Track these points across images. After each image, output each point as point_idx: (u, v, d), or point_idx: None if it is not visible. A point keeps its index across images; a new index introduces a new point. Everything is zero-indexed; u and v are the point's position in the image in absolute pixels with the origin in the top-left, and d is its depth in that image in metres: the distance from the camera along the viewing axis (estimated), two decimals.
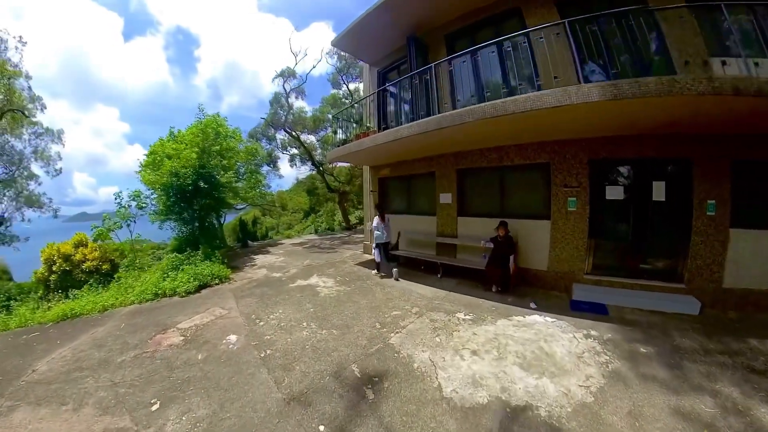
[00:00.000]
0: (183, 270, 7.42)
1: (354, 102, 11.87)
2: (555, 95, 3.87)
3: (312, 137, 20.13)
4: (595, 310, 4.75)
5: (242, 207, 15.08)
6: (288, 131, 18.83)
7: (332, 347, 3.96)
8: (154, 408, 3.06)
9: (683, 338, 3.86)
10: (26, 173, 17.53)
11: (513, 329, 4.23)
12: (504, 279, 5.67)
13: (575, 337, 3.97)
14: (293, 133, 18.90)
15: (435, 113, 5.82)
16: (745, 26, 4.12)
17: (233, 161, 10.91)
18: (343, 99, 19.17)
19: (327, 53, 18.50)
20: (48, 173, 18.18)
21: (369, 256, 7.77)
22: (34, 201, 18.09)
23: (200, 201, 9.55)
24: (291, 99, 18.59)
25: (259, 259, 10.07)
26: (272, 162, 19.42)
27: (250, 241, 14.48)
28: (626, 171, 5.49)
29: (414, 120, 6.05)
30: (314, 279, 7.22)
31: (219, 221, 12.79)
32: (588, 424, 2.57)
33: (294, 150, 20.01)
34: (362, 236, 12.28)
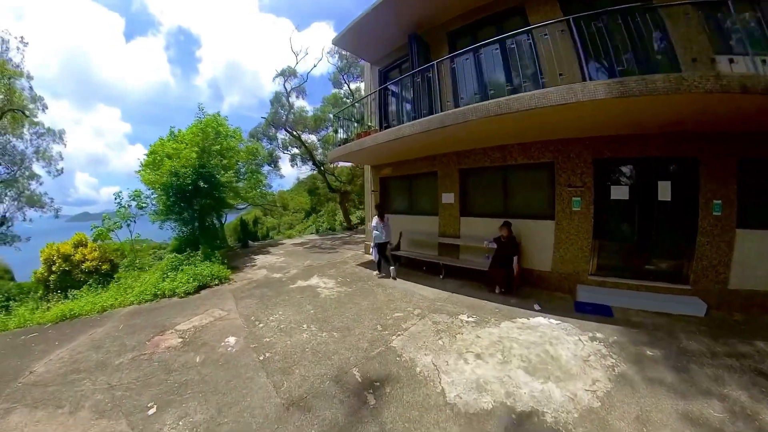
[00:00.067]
0: (182, 270, 7.37)
1: (355, 101, 11.80)
2: (560, 93, 3.82)
3: (313, 137, 20.12)
4: (600, 312, 4.69)
5: (243, 207, 15.05)
6: (289, 131, 18.78)
7: (333, 350, 3.89)
8: (151, 412, 3.00)
9: (690, 341, 3.79)
10: (28, 173, 17.61)
11: (517, 332, 4.16)
12: (507, 280, 5.59)
13: (580, 340, 3.90)
14: (294, 133, 18.86)
15: (437, 111, 5.74)
16: (752, 23, 4.03)
17: (233, 161, 10.85)
18: (345, 98, 19.12)
19: (328, 52, 18.46)
20: (49, 173, 18.33)
21: (370, 257, 7.71)
22: (36, 201, 18.15)
23: (200, 201, 9.49)
24: (292, 98, 18.57)
25: (260, 260, 10.02)
26: (273, 162, 19.40)
27: (251, 241, 14.44)
28: (631, 170, 5.41)
29: (416, 119, 5.99)
30: (315, 280, 7.15)
31: (220, 221, 12.75)
32: (595, 431, 2.50)
33: (295, 150, 19.98)
34: (363, 236, 12.22)
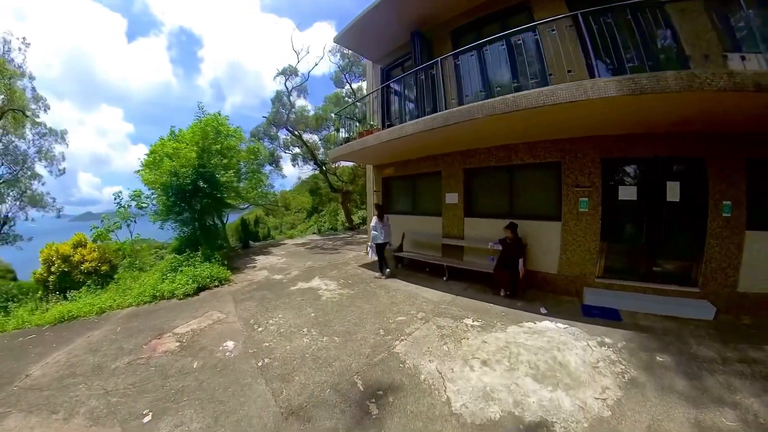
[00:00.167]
0: (182, 272, 7.29)
1: (357, 99, 11.70)
2: (569, 90, 3.71)
3: (315, 136, 20.03)
4: (608, 316, 4.57)
5: (245, 207, 14.97)
6: (290, 130, 18.69)
7: (334, 356, 3.77)
8: (146, 419, 2.92)
9: (700, 345, 3.69)
10: (30, 173, 17.64)
11: (524, 337, 4.03)
12: (513, 283, 5.46)
13: (589, 345, 3.78)
14: (295, 132, 18.77)
15: (441, 109, 5.63)
16: (764, 20, 3.91)
17: (234, 160, 10.75)
18: (346, 98, 19.02)
19: (330, 51, 18.37)
20: (52, 173, 18.40)
21: (374, 258, 7.62)
22: (38, 201, 18.19)
23: (200, 201, 9.40)
24: (293, 97, 18.48)
25: (260, 260, 9.92)
26: (275, 161, 19.31)
27: (252, 241, 14.34)
28: (640, 170, 5.27)
29: (419, 117, 5.88)
30: (316, 281, 7.04)
31: (221, 221, 12.67)
32: None
33: (296, 149, 19.88)
34: (365, 236, 12.12)
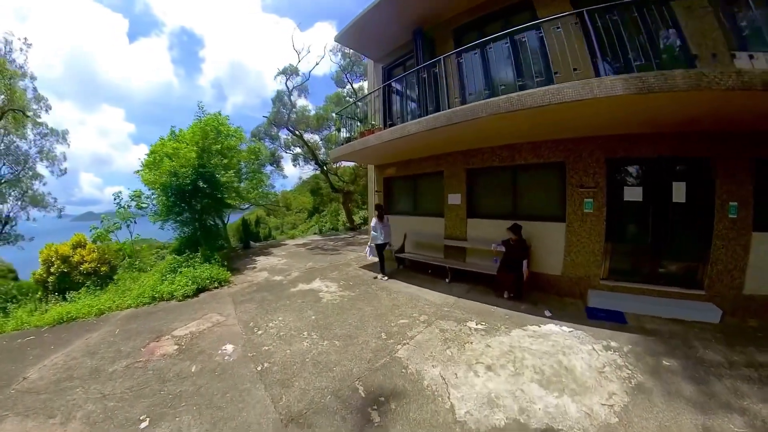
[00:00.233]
0: (181, 273, 7.22)
1: (359, 98, 11.62)
2: (576, 88, 3.63)
3: (316, 136, 19.96)
4: (613, 319, 4.50)
5: (247, 207, 14.90)
6: (291, 130, 18.63)
7: (334, 361, 3.69)
8: (143, 425, 2.85)
9: (706, 349, 3.62)
10: (31, 173, 17.64)
11: (529, 341, 3.95)
12: (516, 285, 5.38)
13: (594, 349, 3.70)
14: (296, 132, 18.70)
15: (444, 108, 5.55)
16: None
17: (234, 160, 10.67)
18: (348, 98, 18.95)
19: (331, 50, 18.31)
20: (53, 173, 18.43)
21: (374, 259, 7.55)
22: (39, 201, 18.20)
23: (200, 201, 9.33)
24: (294, 97, 18.42)
25: (261, 261, 9.84)
26: (276, 162, 19.25)
27: (253, 242, 14.26)
28: (645, 171, 5.18)
29: (421, 116, 5.80)
30: (317, 283, 6.97)
31: (222, 221, 12.61)
32: None
33: (297, 149, 19.82)
34: (366, 237, 12.03)
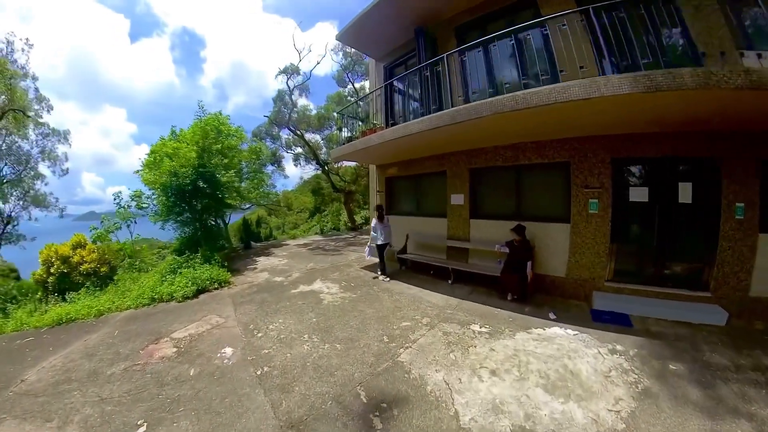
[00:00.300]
0: (181, 274, 7.17)
1: (360, 98, 11.56)
2: (582, 87, 3.55)
3: (317, 136, 19.90)
4: (618, 321, 4.41)
5: (248, 207, 14.86)
6: (292, 130, 18.59)
7: (336, 365, 3.62)
8: (141, 430, 2.79)
9: (713, 353, 3.55)
10: (33, 173, 17.69)
11: (534, 344, 3.87)
12: (520, 286, 5.30)
13: (600, 353, 3.63)
14: (297, 132, 18.66)
15: (447, 107, 5.47)
16: None
17: (235, 160, 10.62)
18: (349, 97, 18.89)
19: (332, 50, 18.26)
20: (55, 173, 18.50)
21: (375, 260, 7.48)
22: (41, 201, 18.23)
23: (200, 201, 9.28)
24: (295, 96, 18.38)
25: (261, 262, 9.79)
26: (277, 161, 19.21)
27: (254, 242, 14.21)
28: (651, 171, 5.09)
29: (423, 115, 5.73)
30: (318, 284, 6.90)
31: (223, 221, 12.56)
32: None
33: (298, 149, 19.76)
34: (368, 237, 11.96)
